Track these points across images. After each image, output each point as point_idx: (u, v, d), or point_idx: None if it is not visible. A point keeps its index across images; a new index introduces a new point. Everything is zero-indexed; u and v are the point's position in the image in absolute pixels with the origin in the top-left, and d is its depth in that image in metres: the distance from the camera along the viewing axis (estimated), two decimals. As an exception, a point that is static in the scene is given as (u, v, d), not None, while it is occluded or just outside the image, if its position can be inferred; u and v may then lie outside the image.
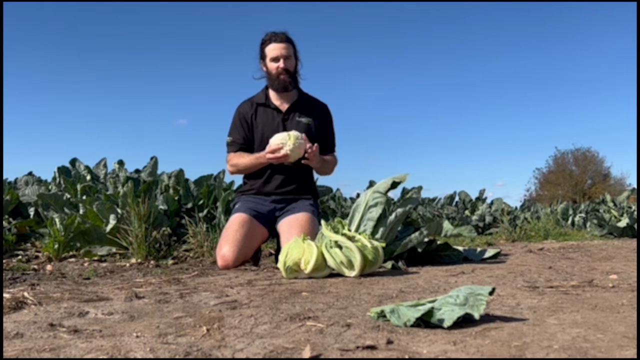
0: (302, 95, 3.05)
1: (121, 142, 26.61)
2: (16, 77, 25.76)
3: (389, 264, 2.56)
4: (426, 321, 1.25)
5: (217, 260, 2.75)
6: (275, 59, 2.91)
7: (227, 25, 32.95)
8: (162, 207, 3.69)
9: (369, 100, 36.14)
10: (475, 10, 35.72)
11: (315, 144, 2.82)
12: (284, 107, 2.99)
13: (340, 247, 2.29)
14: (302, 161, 2.81)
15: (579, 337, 1.15)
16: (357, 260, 2.25)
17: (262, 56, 2.97)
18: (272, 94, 3.01)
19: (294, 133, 2.77)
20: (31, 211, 4.40)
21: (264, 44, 2.96)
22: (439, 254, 2.90)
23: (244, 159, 2.95)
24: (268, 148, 2.79)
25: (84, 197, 3.69)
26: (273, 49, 2.91)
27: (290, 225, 2.80)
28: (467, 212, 8.45)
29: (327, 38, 34.87)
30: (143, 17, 31.47)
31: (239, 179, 4.38)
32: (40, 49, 29.96)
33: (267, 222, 2.91)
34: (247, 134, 3.00)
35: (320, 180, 4.98)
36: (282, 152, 2.74)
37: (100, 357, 1.03)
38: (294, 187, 2.96)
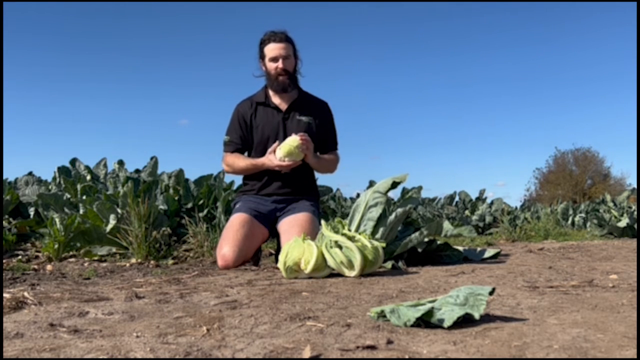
0: (302, 93, 3.04)
1: (121, 142, 26.62)
2: (16, 77, 25.81)
3: (389, 264, 2.56)
4: (426, 321, 1.25)
5: (217, 260, 2.75)
6: (274, 59, 2.90)
7: (229, 25, 32.96)
8: (162, 207, 3.69)
9: (369, 100, 36.16)
10: (475, 10, 35.73)
11: (306, 135, 2.79)
12: (284, 106, 2.98)
13: (340, 247, 2.29)
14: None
15: (579, 337, 1.15)
16: (357, 260, 2.25)
17: (261, 56, 2.96)
18: (272, 93, 3.00)
19: (291, 138, 2.75)
20: (31, 211, 4.40)
21: (262, 43, 2.94)
22: (439, 254, 2.90)
23: (241, 162, 2.95)
24: (275, 159, 2.78)
25: (84, 197, 3.69)
26: (272, 49, 2.90)
27: (291, 225, 2.80)
28: (467, 212, 8.45)
29: (328, 37, 34.88)
30: (144, 16, 31.49)
31: (239, 179, 4.37)
32: (41, 48, 30.00)
33: (267, 222, 2.91)
34: (245, 134, 2.99)
35: (320, 180, 4.96)
36: (286, 162, 2.76)
37: (100, 357, 1.03)
38: (294, 188, 2.96)
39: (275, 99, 2.99)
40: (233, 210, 2.99)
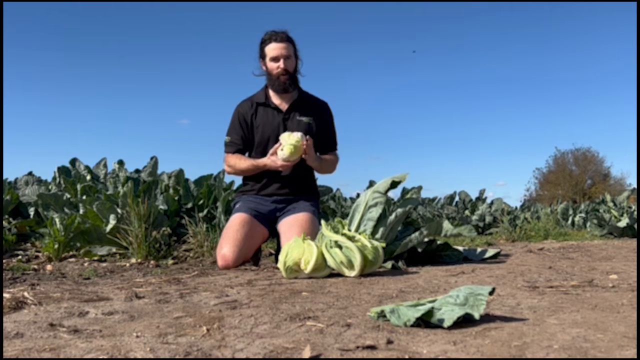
0: (302, 94, 3.03)
1: (121, 142, 26.63)
2: (16, 77, 25.81)
3: (389, 264, 2.56)
4: (426, 321, 1.25)
5: (217, 260, 2.75)
6: (275, 59, 2.89)
7: (230, 24, 32.97)
8: (162, 207, 3.69)
9: (369, 100, 36.18)
10: (475, 10, 35.74)
11: (309, 137, 2.78)
12: (284, 106, 2.97)
13: (340, 247, 2.29)
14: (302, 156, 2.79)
15: (579, 337, 1.15)
16: (357, 260, 2.25)
17: (262, 55, 2.95)
18: (272, 93, 2.99)
19: (292, 137, 2.74)
20: (31, 211, 4.40)
21: (263, 43, 2.93)
22: (439, 254, 2.90)
23: (242, 163, 2.93)
24: (278, 158, 2.77)
25: (84, 197, 3.69)
26: (273, 49, 2.89)
27: (291, 225, 2.80)
28: (467, 212, 8.44)
29: (327, 37, 34.88)
30: (145, 16, 31.49)
31: (239, 179, 4.37)
32: (41, 48, 30.00)
33: (267, 222, 2.91)
34: (246, 134, 2.98)
35: (320, 180, 4.97)
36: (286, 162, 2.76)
37: (100, 357, 1.03)
38: (294, 188, 2.95)
39: (276, 99, 2.98)
40: (233, 210, 2.99)
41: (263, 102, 2.98)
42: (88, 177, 4.70)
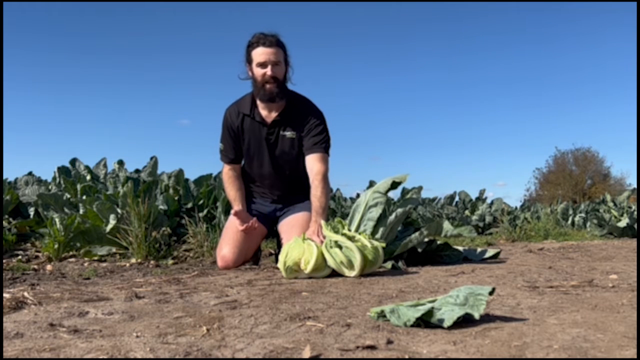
0: (291, 102, 2.79)
1: (121, 142, 26.62)
2: (16, 77, 25.81)
3: (389, 264, 2.56)
4: (426, 321, 1.25)
5: (217, 260, 2.75)
6: (262, 65, 2.66)
7: (230, 24, 32.94)
8: (162, 207, 3.69)
9: (369, 101, 36.19)
10: (475, 11, 35.75)
11: (317, 226, 2.57)
12: (271, 117, 2.78)
13: (340, 247, 2.29)
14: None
15: (579, 337, 1.15)
16: (357, 260, 2.25)
17: (248, 59, 2.72)
18: (258, 102, 2.79)
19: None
20: (31, 211, 4.40)
21: (250, 46, 2.69)
22: (439, 254, 2.90)
23: (229, 190, 2.87)
24: (250, 225, 2.74)
25: (84, 197, 3.69)
26: (260, 54, 2.65)
27: (291, 225, 2.79)
28: (467, 212, 8.45)
29: (328, 38, 34.91)
30: (145, 16, 31.50)
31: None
32: (41, 48, 30.01)
33: (267, 222, 2.91)
34: (236, 143, 2.88)
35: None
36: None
37: (100, 357, 1.03)
38: (294, 188, 2.95)
39: (262, 110, 2.79)
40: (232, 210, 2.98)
41: (248, 113, 2.81)
42: (88, 177, 4.70)
